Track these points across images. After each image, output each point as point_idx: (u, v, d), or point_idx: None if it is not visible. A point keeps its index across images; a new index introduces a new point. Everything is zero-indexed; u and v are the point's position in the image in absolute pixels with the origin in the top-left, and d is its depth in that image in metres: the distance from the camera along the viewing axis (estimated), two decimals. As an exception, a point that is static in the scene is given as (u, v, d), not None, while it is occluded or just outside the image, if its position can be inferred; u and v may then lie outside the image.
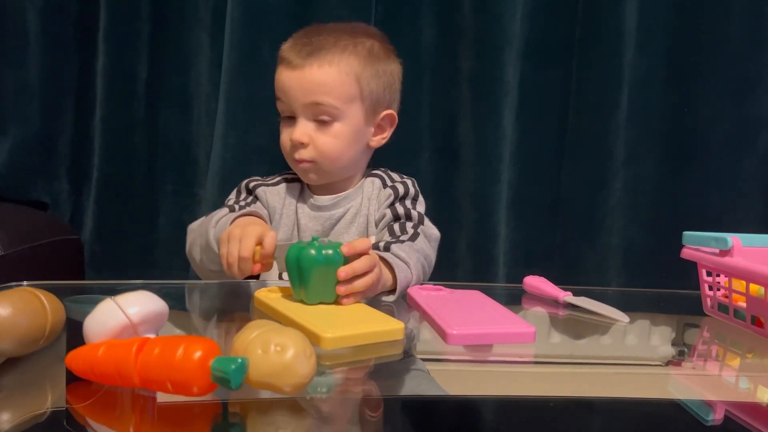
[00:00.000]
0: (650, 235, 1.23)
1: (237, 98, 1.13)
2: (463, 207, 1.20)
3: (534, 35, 1.20)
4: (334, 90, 0.93)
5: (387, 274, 0.80)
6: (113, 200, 1.21)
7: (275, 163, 1.08)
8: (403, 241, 0.87)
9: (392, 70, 1.00)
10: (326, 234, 0.98)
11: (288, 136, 0.96)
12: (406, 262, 0.82)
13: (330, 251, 0.69)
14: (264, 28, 1.13)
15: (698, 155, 1.22)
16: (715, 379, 0.67)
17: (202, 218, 0.95)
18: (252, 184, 1.01)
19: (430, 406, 0.55)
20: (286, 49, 0.95)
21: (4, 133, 1.15)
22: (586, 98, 1.21)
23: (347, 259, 0.70)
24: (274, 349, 0.46)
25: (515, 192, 1.22)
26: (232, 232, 0.79)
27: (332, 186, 1.00)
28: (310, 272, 0.68)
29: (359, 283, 0.71)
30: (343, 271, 0.69)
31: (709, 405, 0.59)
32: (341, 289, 0.70)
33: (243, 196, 1.01)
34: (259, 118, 1.15)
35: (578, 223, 1.24)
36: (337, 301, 0.71)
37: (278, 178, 1.02)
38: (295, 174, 1.01)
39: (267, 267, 0.79)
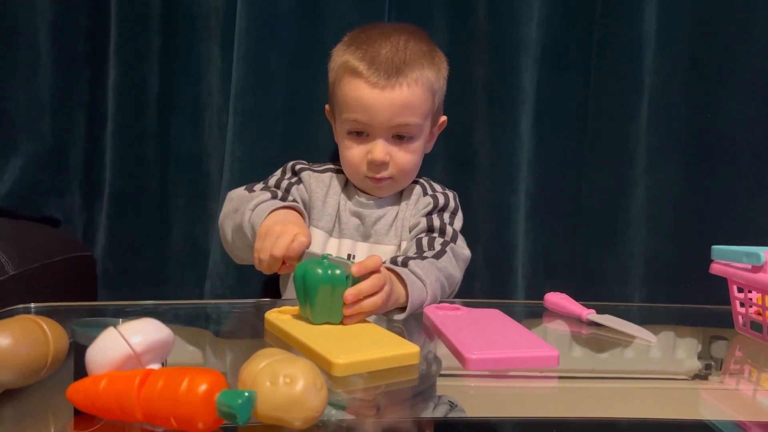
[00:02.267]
0: (674, 244, 1.19)
1: (244, 110, 1.11)
2: (479, 217, 1.16)
3: (551, 40, 1.17)
4: (419, 109, 0.91)
5: (400, 290, 0.77)
6: (125, 215, 1.19)
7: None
8: (425, 258, 0.84)
9: (447, 72, 0.98)
10: (367, 234, 0.96)
11: (360, 153, 0.93)
12: (422, 280, 0.79)
13: (338, 270, 0.67)
14: (272, 40, 1.11)
15: (723, 161, 1.18)
16: (748, 400, 0.64)
17: (242, 189, 0.92)
18: (298, 167, 0.99)
19: (447, 429, 0.52)
20: (359, 63, 0.89)
21: (16, 150, 1.13)
22: (605, 104, 1.18)
23: (358, 278, 0.68)
24: (283, 381, 0.44)
25: (533, 201, 1.19)
26: (272, 229, 0.76)
27: None
28: (315, 291, 0.66)
29: (367, 304, 0.68)
30: (351, 294, 0.66)
31: (741, 426, 0.56)
32: (347, 311, 0.67)
33: (288, 176, 0.98)
34: (267, 131, 1.13)
35: (599, 233, 1.20)
36: (342, 321, 0.68)
37: (325, 167, 1.00)
38: (341, 167, 0.98)
39: (290, 269, 0.75)
